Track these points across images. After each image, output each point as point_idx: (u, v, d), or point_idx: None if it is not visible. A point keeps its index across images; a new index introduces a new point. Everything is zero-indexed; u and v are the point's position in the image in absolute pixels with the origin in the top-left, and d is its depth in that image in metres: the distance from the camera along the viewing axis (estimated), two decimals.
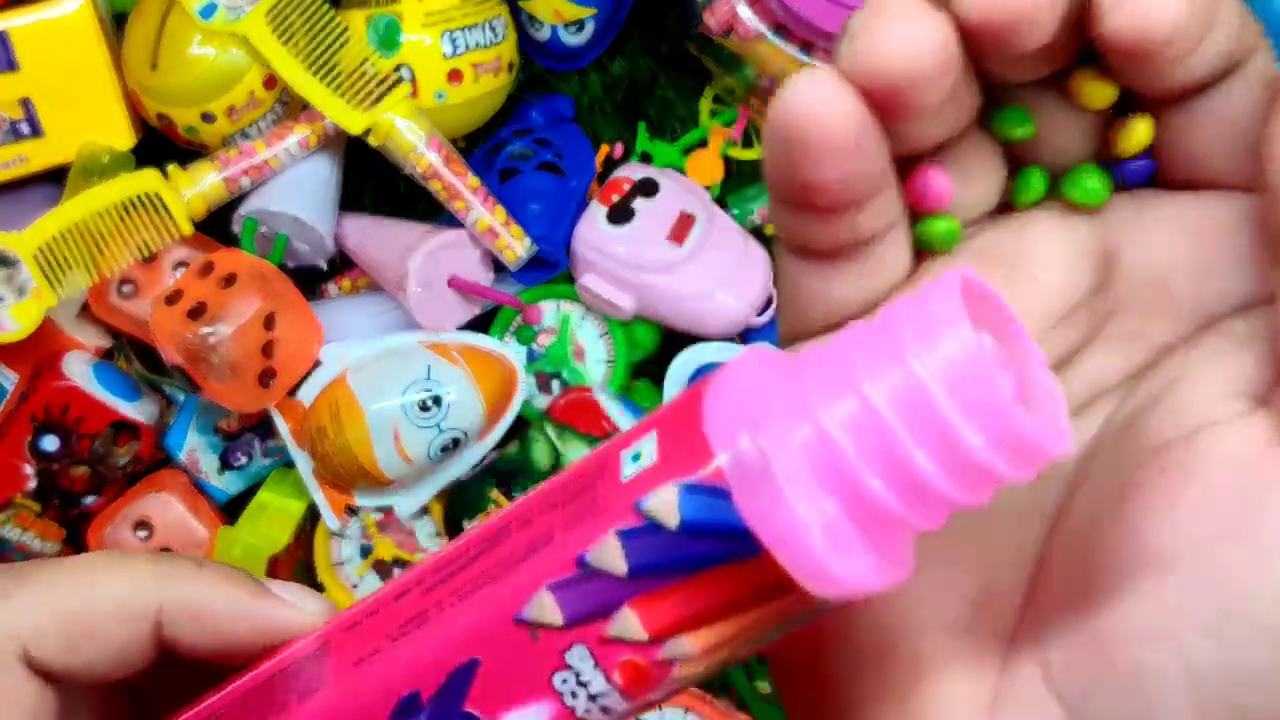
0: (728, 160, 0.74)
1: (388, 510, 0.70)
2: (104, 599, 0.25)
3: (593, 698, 0.20)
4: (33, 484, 0.68)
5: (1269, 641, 0.17)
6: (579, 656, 0.20)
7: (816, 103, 0.18)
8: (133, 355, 0.72)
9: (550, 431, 0.67)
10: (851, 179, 0.19)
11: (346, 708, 0.22)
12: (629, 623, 0.19)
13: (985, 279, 0.18)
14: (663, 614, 0.19)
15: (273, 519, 0.69)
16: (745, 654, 0.20)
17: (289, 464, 0.70)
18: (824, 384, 0.18)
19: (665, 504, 0.18)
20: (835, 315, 0.21)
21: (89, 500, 0.70)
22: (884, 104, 0.18)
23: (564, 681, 0.20)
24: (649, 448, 0.19)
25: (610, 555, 0.19)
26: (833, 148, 0.18)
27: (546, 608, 0.20)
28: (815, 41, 0.63)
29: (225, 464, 0.71)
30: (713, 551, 0.18)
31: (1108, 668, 0.18)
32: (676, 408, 0.19)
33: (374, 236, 0.70)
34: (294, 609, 0.25)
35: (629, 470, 0.19)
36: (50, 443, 0.67)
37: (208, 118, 0.65)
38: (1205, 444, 0.18)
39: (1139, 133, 0.20)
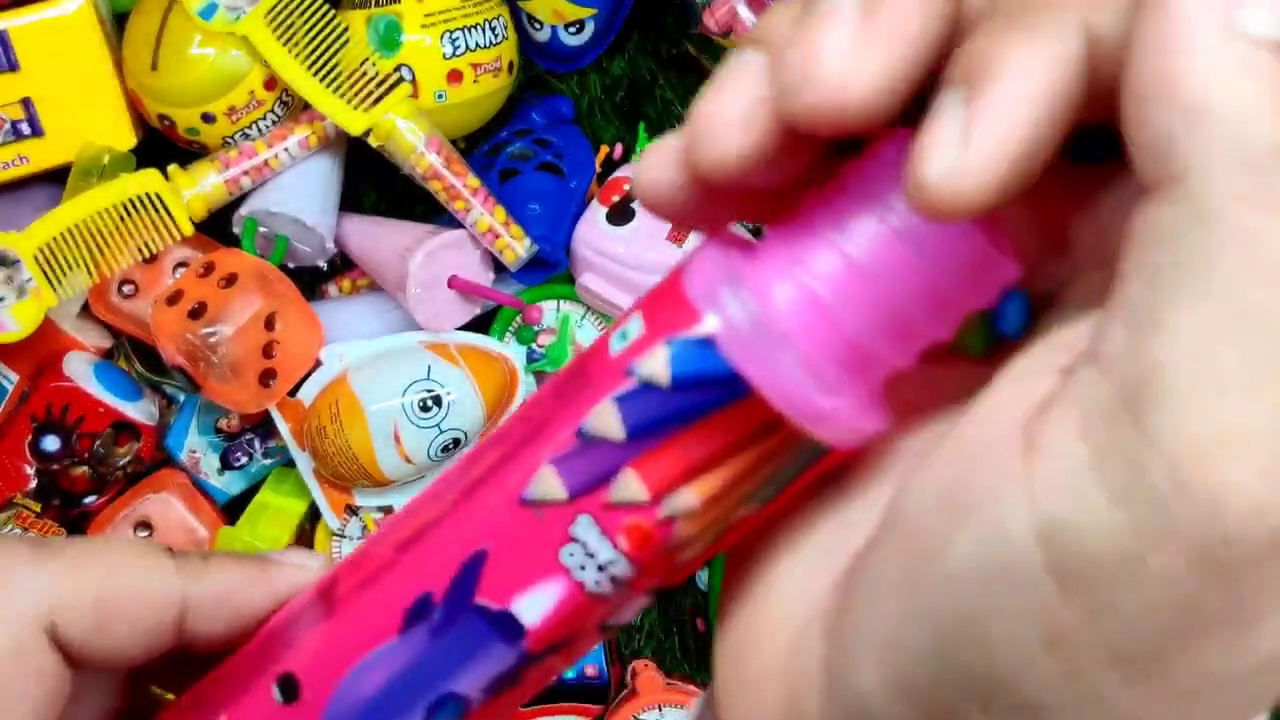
0: None
1: (388, 510, 0.70)
2: (135, 583, 0.25)
3: (601, 568, 0.20)
4: (33, 484, 0.68)
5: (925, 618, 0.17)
6: (584, 528, 0.20)
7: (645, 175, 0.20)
8: (133, 355, 0.72)
9: None
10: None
11: (357, 623, 0.23)
12: (629, 483, 0.20)
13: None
14: (661, 470, 0.20)
15: (273, 519, 0.69)
16: (745, 511, 0.20)
17: (289, 464, 0.70)
18: (793, 242, 0.19)
19: (656, 362, 0.19)
20: None
21: (89, 500, 0.70)
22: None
23: (571, 555, 0.20)
24: (635, 325, 0.20)
25: (607, 420, 0.20)
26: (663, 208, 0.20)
27: (549, 483, 0.20)
28: None
29: (226, 464, 0.71)
30: (705, 400, 0.19)
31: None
32: (658, 289, 0.20)
33: (374, 237, 0.70)
34: (301, 569, 0.26)
35: (617, 346, 0.20)
36: (50, 443, 0.68)
37: (208, 118, 0.65)
38: (987, 405, 0.18)
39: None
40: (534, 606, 0.21)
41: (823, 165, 0.20)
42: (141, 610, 0.25)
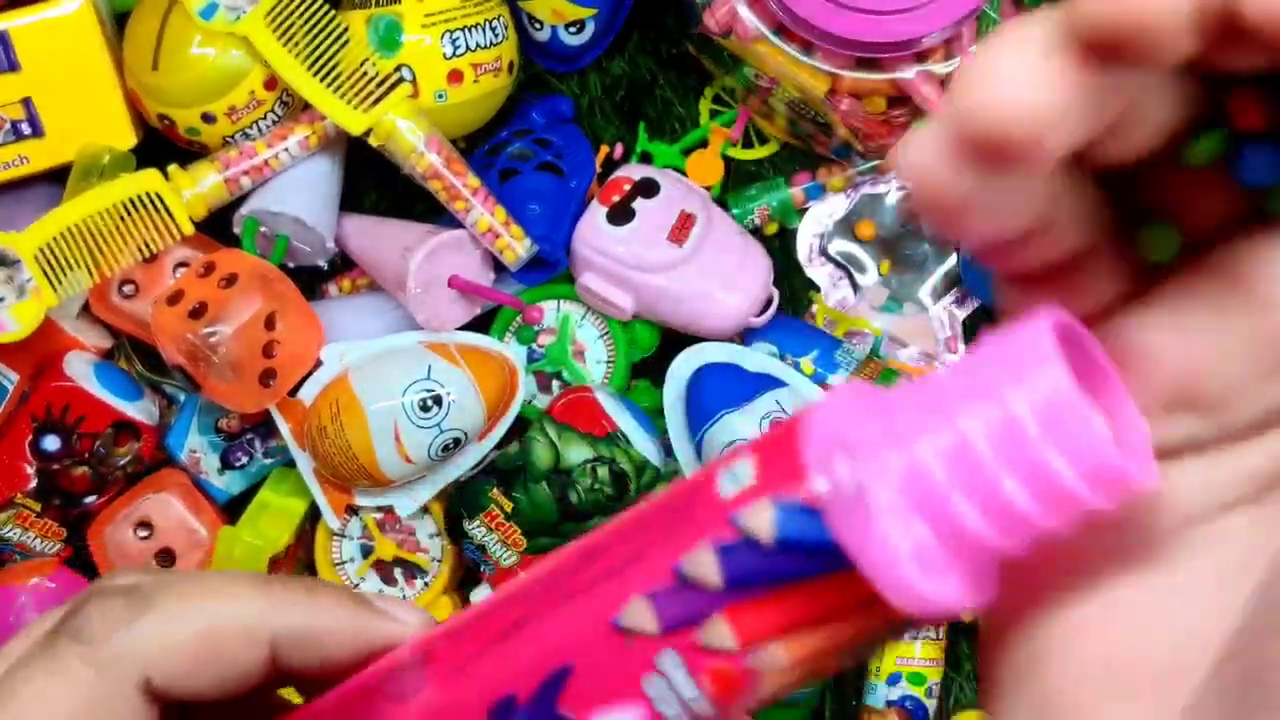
0: (728, 160, 0.74)
1: (388, 510, 0.70)
2: (227, 624, 0.25)
3: (683, 702, 0.21)
4: (33, 484, 0.68)
5: None
6: (670, 662, 0.20)
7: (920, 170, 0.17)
8: (133, 355, 0.72)
9: (550, 431, 0.67)
10: (992, 235, 0.18)
11: (445, 709, 0.23)
12: (720, 631, 0.20)
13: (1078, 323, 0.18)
14: (753, 624, 0.20)
15: (274, 519, 0.69)
16: (833, 666, 0.20)
17: (290, 464, 0.70)
18: (916, 415, 0.19)
19: (761, 519, 0.19)
20: None
21: (89, 500, 0.70)
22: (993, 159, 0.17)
23: (653, 685, 0.21)
24: (746, 469, 0.20)
25: (705, 566, 0.20)
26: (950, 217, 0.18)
27: (642, 614, 0.21)
28: (815, 42, 0.64)
29: (226, 464, 0.71)
30: (804, 567, 0.19)
31: None
32: (775, 433, 0.20)
33: (374, 236, 0.70)
34: (397, 623, 0.26)
35: (726, 489, 0.20)
36: (51, 442, 0.68)
37: (208, 118, 0.65)
38: None
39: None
40: None
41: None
42: (233, 651, 0.25)
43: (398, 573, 0.71)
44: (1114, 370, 0.19)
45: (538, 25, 0.72)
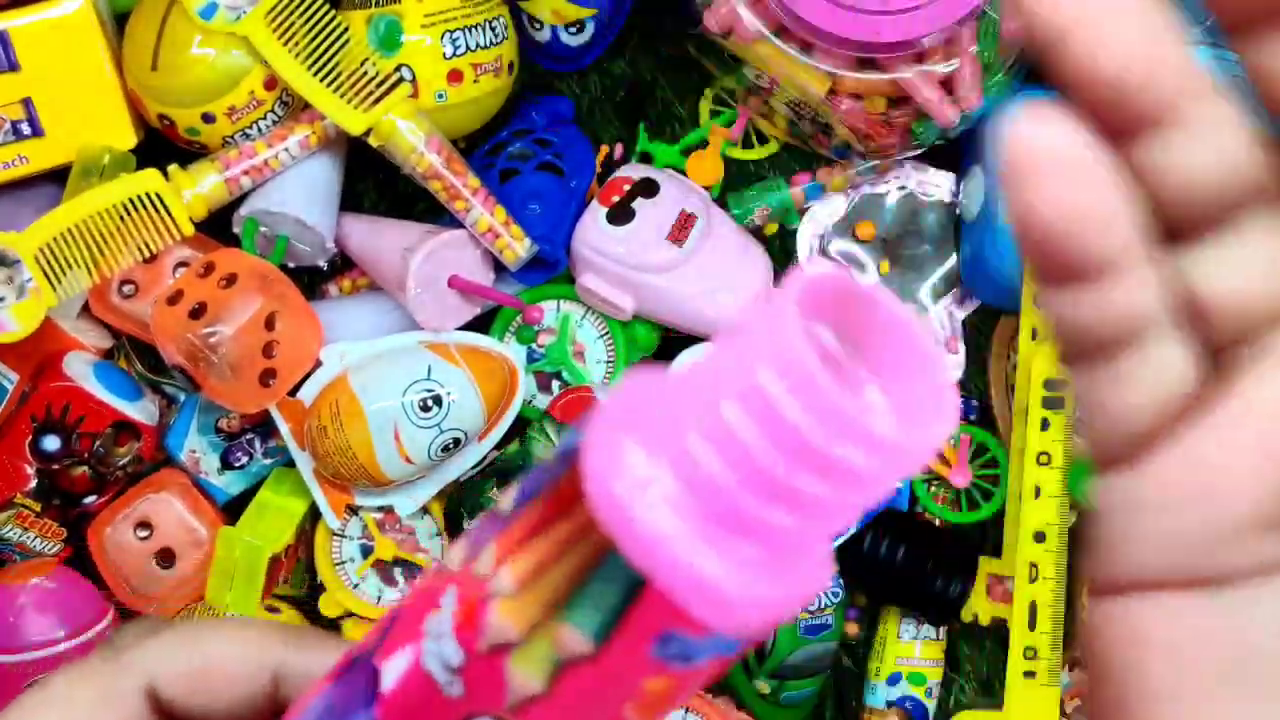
0: (728, 160, 0.74)
1: (388, 510, 0.70)
2: (226, 650, 0.27)
3: (439, 638, 0.20)
4: (33, 484, 0.68)
5: None
6: (449, 596, 0.20)
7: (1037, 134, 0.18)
8: (133, 355, 0.72)
9: (550, 431, 0.67)
10: (1091, 214, 0.19)
11: (315, 691, 0.23)
12: (487, 554, 0.19)
13: (850, 274, 0.18)
14: (505, 543, 0.19)
15: (273, 519, 0.69)
16: (568, 637, 0.18)
17: (289, 464, 0.70)
18: (683, 391, 0.19)
19: (552, 447, 0.20)
20: (1124, 428, 0.20)
21: (89, 500, 0.70)
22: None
23: (429, 622, 0.20)
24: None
25: (509, 494, 0.20)
26: (1062, 169, 0.18)
27: (456, 551, 0.20)
28: (815, 42, 0.64)
29: (226, 464, 0.71)
30: (552, 474, 0.19)
31: None
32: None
33: (374, 236, 0.70)
34: None
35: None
36: (51, 443, 0.67)
37: (208, 118, 0.65)
38: None
39: None
40: (392, 671, 0.20)
41: None
42: (231, 677, 0.27)
43: (398, 573, 0.71)
44: (904, 321, 0.18)
45: (538, 25, 0.72)
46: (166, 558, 0.70)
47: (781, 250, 0.73)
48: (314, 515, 0.71)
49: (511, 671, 0.19)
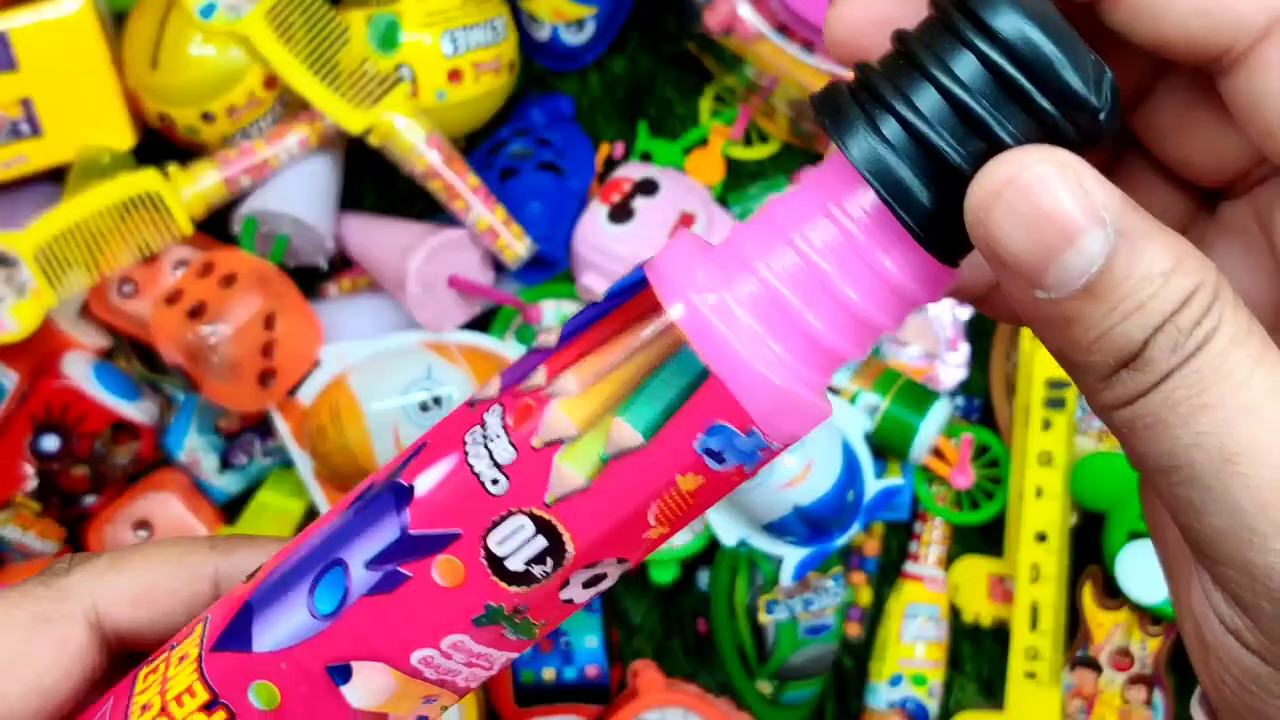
0: (728, 159, 0.74)
1: None
2: (171, 561, 0.27)
3: (487, 443, 0.21)
4: (33, 484, 0.68)
5: None
6: (494, 413, 0.22)
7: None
8: (133, 355, 0.72)
9: None
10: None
11: (323, 518, 0.24)
12: (537, 375, 0.21)
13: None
14: (561, 360, 0.21)
15: (273, 519, 0.69)
16: (625, 435, 0.21)
17: (289, 464, 0.70)
18: (728, 238, 0.21)
19: (601, 286, 0.21)
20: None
21: (89, 500, 0.70)
22: None
23: (471, 434, 0.22)
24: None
25: (552, 333, 0.22)
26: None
27: (491, 385, 0.22)
28: (816, 41, 0.63)
29: (225, 464, 0.71)
30: (613, 304, 0.21)
31: None
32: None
33: (374, 236, 0.70)
34: None
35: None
36: (50, 443, 0.67)
37: (208, 117, 0.65)
38: None
39: None
40: (428, 479, 0.22)
41: None
42: (175, 586, 0.27)
43: None
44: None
45: (538, 24, 0.71)
46: None
47: None
48: (313, 515, 0.71)
49: (558, 466, 0.21)
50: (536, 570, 0.21)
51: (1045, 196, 0.18)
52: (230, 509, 0.72)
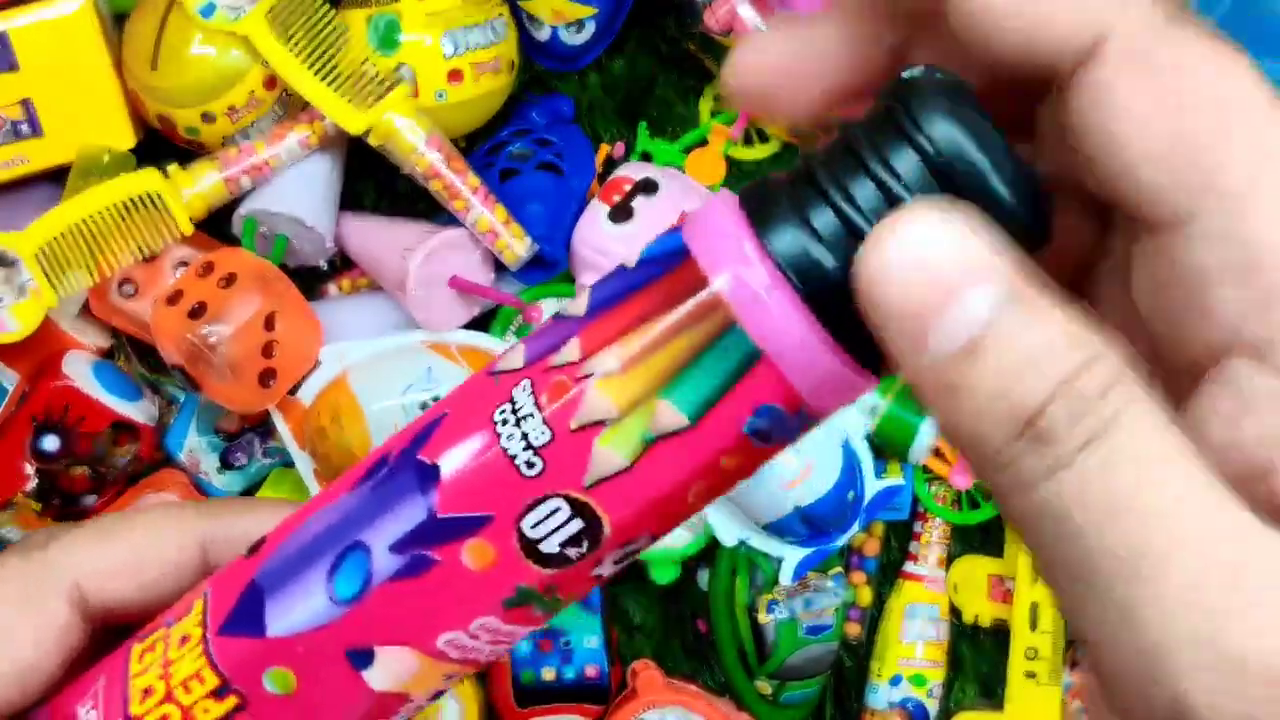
0: (729, 159, 0.74)
1: None
2: (158, 526, 0.26)
3: (519, 423, 0.20)
4: (33, 484, 0.68)
5: None
6: (523, 389, 0.21)
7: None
8: (133, 355, 0.72)
9: None
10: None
11: (328, 487, 0.23)
12: (570, 349, 0.20)
13: None
14: (596, 335, 0.20)
15: None
16: (668, 416, 0.20)
17: (289, 464, 0.70)
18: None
19: (633, 252, 0.21)
20: None
21: (89, 500, 0.70)
22: None
23: (501, 412, 0.21)
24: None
25: (579, 300, 0.21)
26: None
27: (514, 355, 0.21)
28: None
29: (225, 464, 0.71)
30: (653, 272, 0.20)
31: None
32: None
33: (374, 236, 0.70)
34: None
35: None
36: (50, 443, 0.67)
37: (208, 118, 0.65)
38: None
39: None
40: (454, 458, 0.21)
41: None
42: (162, 552, 0.26)
43: None
44: None
45: (538, 25, 0.71)
46: None
47: None
48: None
49: (598, 449, 0.20)
50: (571, 552, 0.21)
51: (930, 248, 0.17)
52: None
